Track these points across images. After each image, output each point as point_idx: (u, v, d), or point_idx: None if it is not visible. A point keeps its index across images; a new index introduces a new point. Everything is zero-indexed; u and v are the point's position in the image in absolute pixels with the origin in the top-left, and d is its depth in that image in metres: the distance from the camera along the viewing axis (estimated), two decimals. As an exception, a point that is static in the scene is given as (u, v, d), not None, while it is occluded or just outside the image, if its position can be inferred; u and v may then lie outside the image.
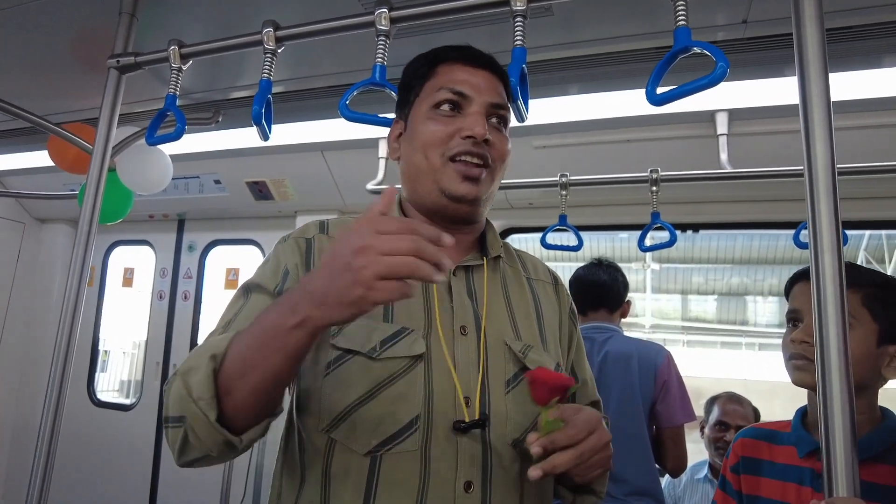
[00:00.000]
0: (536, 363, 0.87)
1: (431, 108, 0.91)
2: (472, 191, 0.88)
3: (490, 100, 0.90)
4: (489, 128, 0.89)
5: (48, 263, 3.49)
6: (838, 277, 0.81)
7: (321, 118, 2.29)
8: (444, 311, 0.87)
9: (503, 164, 0.93)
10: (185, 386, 0.71)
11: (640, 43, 1.61)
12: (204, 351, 0.74)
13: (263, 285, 0.87)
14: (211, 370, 0.71)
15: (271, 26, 1.18)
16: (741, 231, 10.15)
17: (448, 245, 0.63)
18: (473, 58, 0.93)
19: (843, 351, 0.78)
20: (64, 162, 2.08)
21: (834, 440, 0.76)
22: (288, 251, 0.90)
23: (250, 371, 0.70)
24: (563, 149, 2.18)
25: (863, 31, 1.38)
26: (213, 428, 0.70)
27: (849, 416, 0.75)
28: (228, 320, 0.85)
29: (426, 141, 0.89)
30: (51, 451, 1.21)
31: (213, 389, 0.70)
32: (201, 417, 0.70)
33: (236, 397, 0.71)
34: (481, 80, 0.91)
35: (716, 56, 0.89)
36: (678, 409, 1.85)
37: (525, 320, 0.93)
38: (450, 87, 0.90)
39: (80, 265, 1.30)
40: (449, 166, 0.88)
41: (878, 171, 1.58)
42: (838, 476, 0.75)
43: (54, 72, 1.87)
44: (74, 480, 3.30)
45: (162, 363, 3.31)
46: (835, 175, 0.84)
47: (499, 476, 0.82)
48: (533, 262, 1.06)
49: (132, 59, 1.34)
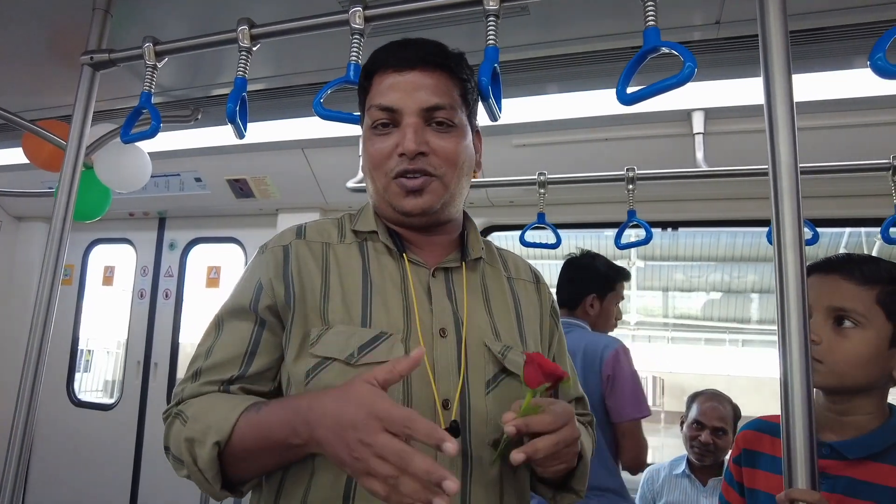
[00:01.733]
0: (515, 364, 0.87)
1: (370, 126, 0.90)
2: (418, 204, 0.87)
3: (422, 104, 0.86)
4: (430, 133, 0.86)
5: (26, 262, 3.44)
6: (800, 273, 0.83)
7: (302, 115, 2.28)
8: (424, 313, 0.86)
9: (456, 166, 0.89)
10: (191, 453, 0.78)
11: (617, 42, 1.62)
12: (204, 421, 0.78)
13: (238, 307, 0.88)
14: (216, 454, 0.76)
15: (246, 24, 1.18)
16: (725, 229, 10.27)
17: (451, 453, 0.60)
18: (402, 61, 0.88)
19: (804, 345, 0.80)
20: (39, 159, 2.06)
21: (794, 432, 0.78)
22: (262, 266, 0.90)
23: (254, 460, 0.78)
24: (542, 147, 2.19)
25: (827, 34, 1.41)
26: (218, 492, 0.79)
27: (807, 409, 0.77)
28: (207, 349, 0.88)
29: (370, 162, 0.90)
30: (23, 452, 1.20)
31: (217, 467, 0.77)
32: (206, 484, 0.78)
33: (239, 470, 0.79)
34: (412, 83, 0.86)
35: (683, 56, 0.91)
36: (628, 404, 1.80)
37: (504, 321, 0.93)
38: (378, 104, 0.87)
39: (54, 264, 1.28)
40: (392, 184, 0.88)
41: (843, 170, 1.61)
42: (797, 467, 0.77)
43: (29, 68, 1.85)
44: (54, 481, 3.26)
45: (143, 362, 3.28)
46: (797, 173, 0.86)
47: (478, 476, 0.82)
48: (514, 261, 1.06)
49: (106, 55, 1.33)
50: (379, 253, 0.91)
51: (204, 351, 0.87)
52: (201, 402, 0.82)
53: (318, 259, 0.89)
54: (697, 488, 2.02)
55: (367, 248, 0.92)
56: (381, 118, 0.87)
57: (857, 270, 0.99)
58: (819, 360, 0.96)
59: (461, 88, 0.91)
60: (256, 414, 0.76)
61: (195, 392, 0.84)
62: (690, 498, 2.02)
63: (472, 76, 0.94)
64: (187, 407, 0.82)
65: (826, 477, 0.95)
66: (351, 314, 0.84)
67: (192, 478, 0.79)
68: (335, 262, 0.89)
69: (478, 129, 0.99)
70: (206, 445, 0.75)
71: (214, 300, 0.81)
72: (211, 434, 0.75)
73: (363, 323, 0.84)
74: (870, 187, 1.99)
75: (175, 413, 0.83)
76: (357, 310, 0.85)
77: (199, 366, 0.86)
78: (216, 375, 0.85)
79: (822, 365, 0.96)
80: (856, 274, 0.98)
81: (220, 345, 0.87)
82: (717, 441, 2.00)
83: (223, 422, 0.76)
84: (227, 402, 0.80)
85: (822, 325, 0.99)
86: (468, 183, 0.95)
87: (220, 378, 0.85)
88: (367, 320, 0.84)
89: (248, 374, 0.85)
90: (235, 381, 0.85)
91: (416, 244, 0.93)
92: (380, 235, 0.92)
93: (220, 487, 0.78)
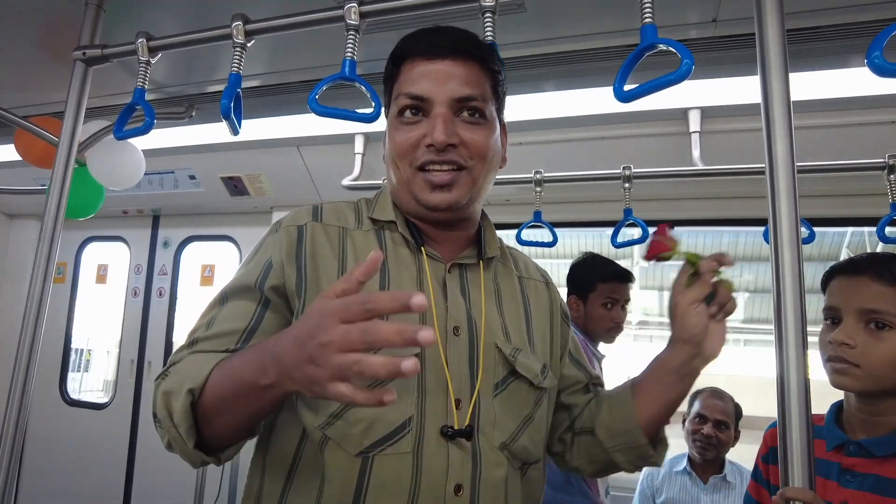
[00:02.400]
0: (525, 367, 0.87)
1: (396, 115, 0.87)
2: (445, 199, 0.84)
3: (454, 94, 0.83)
4: (459, 124, 0.84)
5: (18, 260, 3.42)
6: (797, 271, 0.83)
7: (297, 113, 2.27)
8: (439, 309, 0.84)
9: (486, 159, 0.86)
10: (167, 406, 0.74)
11: (614, 40, 1.62)
12: (183, 374, 0.75)
13: (243, 285, 0.85)
14: (189, 403, 0.72)
15: (241, 20, 1.17)
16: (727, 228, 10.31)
17: (419, 306, 0.53)
18: (434, 48, 0.84)
19: (801, 343, 0.80)
20: (31, 156, 2.04)
21: (791, 431, 0.78)
22: (276, 244, 0.87)
23: (227, 411, 0.72)
24: (538, 146, 2.19)
25: (824, 32, 1.41)
26: (191, 451, 0.73)
27: (804, 407, 0.77)
28: (208, 321, 0.84)
29: (395, 152, 0.86)
30: (14, 449, 1.19)
31: (190, 419, 0.72)
32: (180, 441, 0.73)
33: (214, 427, 0.74)
34: (443, 73, 0.83)
35: (681, 53, 0.90)
36: None
37: (514, 322, 0.92)
38: (407, 92, 0.84)
39: (45, 261, 1.27)
40: (418, 176, 0.85)
41: (839, 169, 1.61)
42: (794, 466, 0.76)
43: (20, 63, 1.83)
44: (47, 480, 3.24)
45: (137, 361, 3.27)
46: (794, 171, 0.86)
47: (486, 479, 0.81)
48: (525, 261, 1.04)
49: (99, 51, 1.32)
50: (396, 244, 0.89)
51: (204, 323, 0.84)
52: (186, 362, 0.79)
53: (335, 244, 0.87)
54: (698, 485, 2.02)
55: (384, 237, 0.90)
56: (409, 105, 0.84)
57: (885, 271, 0.97)
58: (856, 365, 0.94)
59: (492, 80, 0.88)
60: (229, 362, 0.73)
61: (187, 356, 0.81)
62: (691, 495, 2.02)
63: (503, 68, 0.92)
64: (174, 369, 0.79)
65: (854, 475, 0.94)
66: None
67: (171, 443, 0.74)
68: (352, 248, 0.87)
69: (504, 125, 0.96)
70: (180, 396, 0.72)
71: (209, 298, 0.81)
72: (186, 383, 0.72)
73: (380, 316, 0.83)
74: (866, 186, 2.00)
75: (163, 375, 0.80)
76: None
77: (197, 335, 0.83)
78: (212, 346, 0.81)
79: (858, 369, 0.94)
80: (885, 274, 0.97)
81: (221, 318, 0.83)
82: (719, 435, 2.00)
83: (199, 371, 0.73)
84: (208, 358, 0.77)
85: (855, 328, 0.96)
86: (494, 179, 0.93)
87: (214, 349, 0.81)
88: None
89: None
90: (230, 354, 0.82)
91: (434, 238, 0.91)
92: (398, 226, 0.90)
93: (194, 446, 0.73)
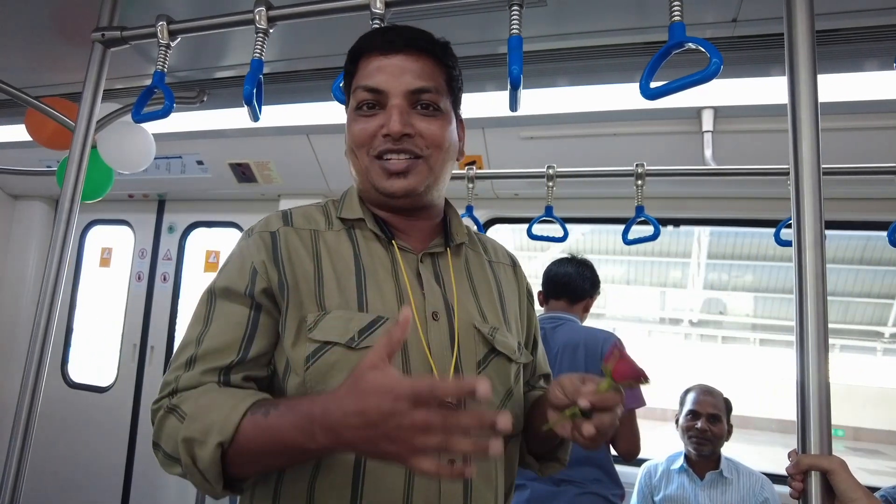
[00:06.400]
0: (503, 344, 0.91)
1: (355, 108, 0.90)
2: (402, 185, 0.87)
3: (409, 87, 0.86)
4: (415, 116, 0.87)
5: (22, 240, 3.40)
6: (820, 272, 0.83)
7: (308, 101, 2.26)
8: (416, 298, 0.88)
9: (441, 149, 0.89)
10: (189, 453, 0.74)
11: (631, 37, 1.62)
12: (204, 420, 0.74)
13: (231, 288, 0.86)
14: (218, 456, 0.72)
15: (263, 5, 1.16)
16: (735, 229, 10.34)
17: (485, 393, 0.59)
18: (388, 44, 0.88)
19: (823, 346, 0.81)
20: (41, 136, 2.03)
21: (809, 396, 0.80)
22: (253, 248, 0.88)
23: (262, 463, 0.75)
24: (549, 140, 2.19)
25: (850, 35, 1.41)
26: (219, 493, 0.76)
27: (825, 410, 0.78)
28: (198, 336, 0.84)
29: (353, 142, 0.90)
30: (27, 433, 1.19)
31: (219, 467, 0.73)
32: (206, 485, 0.74)
33: (244, 471, 0.76)
34: (398, 66, 0.87)
35: (710, 52, 0.90)
36: (627, 394, 1.86)
37: (489, 303, 0.95)
38: (364, 85, 0.87)
39: (61, 244, 1.27)
40: (375, 164, 0.88)
41: (862, 171, 1.61)
42: (812, 432, 0.79)
43: (33, 44, 1.82)
44: (48, 462, 3.25)
45: (139, 345, 3.27)
46: (819, 174, 0.86)
47: None
48: (493, 245, 1.08)
49: (118, 33, 1.31)
50: (368, 240, 0.92)
51: (195, 337, 0.84)
52: (199, 397, 0.78)
53: (308, 246, 0.89)
54: (695, 482, 2.05)
55: (355, 235, 0.92)
56: (366, 99, 0.87)
57: None
58: None
59: (446, 75, 0.91)
60: (265, 419, 0.73)
61: (193, 382, 0.81)
62: (688, 492, 2.04)
63: (457, 65, 0.95)
64: (182, 401, 0.78)
65: None
66: (347, 299, 0.85)
67: (188, 477, 0.76)
68: (325, 249, 0.89)
69: (461, 119, 0.99)
70: (208, 446, 0.72)
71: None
72: (213, 434, 0.72)
73: (360, 307, 0.84)
74: (880, 191, 2.00)
75: (168, 407, 0.79)
76: (353, 295, 0.85)
77: (193, 353, 0.82)
78: (214, 362, 0.81)
79: None
80: None
81: (215, 331, 0.84)
82: (712, 429, 2.04)
83: (225, 419, 0.73)
84: (227, 398, 0.76)
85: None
86: (451, 169, 0.96)
87: (218, 365, 0.81)
88: (363, 305, 0.85)
89: (248, 359, 0.83)
90: (235, 367, 0.82)
91: (402, 230, 0.94)
92: (367, 223, 0.92)
93: (223, 488, 0.75)
